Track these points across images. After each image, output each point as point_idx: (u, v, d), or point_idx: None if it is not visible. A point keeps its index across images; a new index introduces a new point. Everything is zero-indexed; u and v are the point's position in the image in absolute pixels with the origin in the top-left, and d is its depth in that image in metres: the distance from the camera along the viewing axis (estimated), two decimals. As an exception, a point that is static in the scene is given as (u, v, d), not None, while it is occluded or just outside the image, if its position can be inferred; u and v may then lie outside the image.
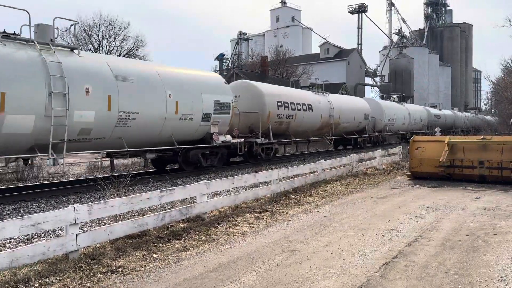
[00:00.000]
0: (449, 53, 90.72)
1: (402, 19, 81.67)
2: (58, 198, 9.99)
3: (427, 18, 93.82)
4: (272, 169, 11.76)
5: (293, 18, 77.76)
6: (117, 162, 16.51)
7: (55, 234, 6.88)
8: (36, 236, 6.75)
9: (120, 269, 5.26)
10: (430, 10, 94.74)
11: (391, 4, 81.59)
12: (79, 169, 16.59)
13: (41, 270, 5.03)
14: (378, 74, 69.39)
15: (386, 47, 76.31)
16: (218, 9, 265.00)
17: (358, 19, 68.85)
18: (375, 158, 16.46)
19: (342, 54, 59.16)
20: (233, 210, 8.62)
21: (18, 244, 6.36)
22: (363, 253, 5.79)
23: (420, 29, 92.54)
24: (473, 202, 9.52)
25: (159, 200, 6.93)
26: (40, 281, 4.78)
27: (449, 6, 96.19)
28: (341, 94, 33.33)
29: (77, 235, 5.47)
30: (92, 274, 5.04)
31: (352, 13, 68.89)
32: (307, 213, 8.53)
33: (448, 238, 6.49)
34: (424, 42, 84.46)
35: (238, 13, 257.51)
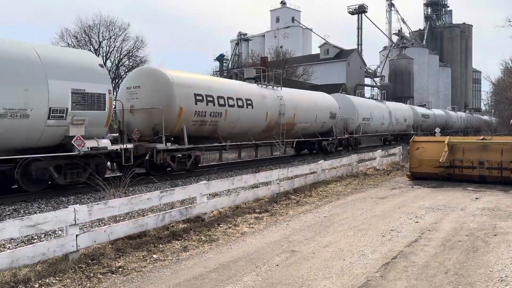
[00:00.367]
0: (449, 53, 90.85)
1: (402, 20, 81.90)
2: (58, 198, 10.00)
3: (427, 18, 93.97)
4: (272, 169, 11.77)
5: (293, 19, 77.85)
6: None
7: (55, 235, 6.89)
8: (36, 236, 6.76)
9: (120, 269, 5.27)
10: (430, 10, 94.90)
11: (391, 4, 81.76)
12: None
13: (41, 270, 5.03)
14: (378, 74, 69.51)
15: (386, 48, 76.42)
16: (218, 9, 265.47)
17: (358, 20, 68.98)
18: (375, 158, 16.50)
19: (342, 54, 59.27)
20: (233, 210, 8.63)
21: (18, 244, 6.37)
22: (363, 253, 5.79)
23: (420, 29, 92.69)
24: (473, 202, 9.52)
25: (159, 200, 6.94)
26: (40, 281, 4.78)
27: (449, 7, 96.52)
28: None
29: (77, 236, 5.47)
30: (92, 275, 5.05)
31: (352, 13, 68.99)
32: (307, 213, 8.53)
33: (448, 239, 6.49)
34: (424, 42, 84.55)
35: (238, 13, 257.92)
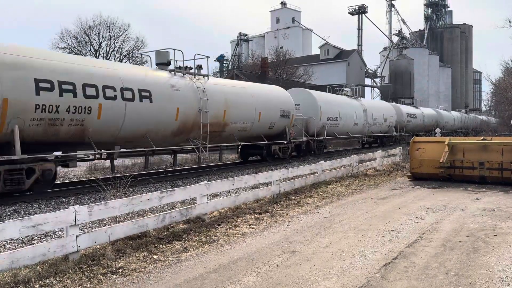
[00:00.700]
0: (449, 54, 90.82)
1: (402, 20, 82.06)
2: (58, 199, 9.99)
3: (427, 19, 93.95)
4: (272, 170, 11.76)
5: (293, 19, 77.87)
6: (117, 163, 16.50)
7: (56, 235, 6.88)
8: (36, 237, 6.75)
9: (120, 270, 5.26)
10: (430, 11, 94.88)
11: (391, 5, 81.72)
12: (80, 170, 16.58)
13: (41, 271, 5.03)
14: (378, 75, 69.52)
15: (386, 48, 76.40)
16: (218, 9, 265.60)
17: (358, 20, 69.06)
18: (376, 159, 16.53)
19: (342, 55, 59.28)
20: (233, 211, 8.62)
21: (18, 245, 6.36)
22: (363, 254, 5.79)
23: (420, 30, 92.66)
24: (473, 203, 9.51)
25: (159, 201, 6.93)
26: (40, 282, 4.78)
27: (449, 7, 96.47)
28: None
29: (77, 236, 5.47)
30: (92, 275, 5.05)
31: (352, 14, 69.04)
32: (308, 214, 8.53)
33: (448, 239, 6.48)
34: (424, 43, 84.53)
35: (238, 14, 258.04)
